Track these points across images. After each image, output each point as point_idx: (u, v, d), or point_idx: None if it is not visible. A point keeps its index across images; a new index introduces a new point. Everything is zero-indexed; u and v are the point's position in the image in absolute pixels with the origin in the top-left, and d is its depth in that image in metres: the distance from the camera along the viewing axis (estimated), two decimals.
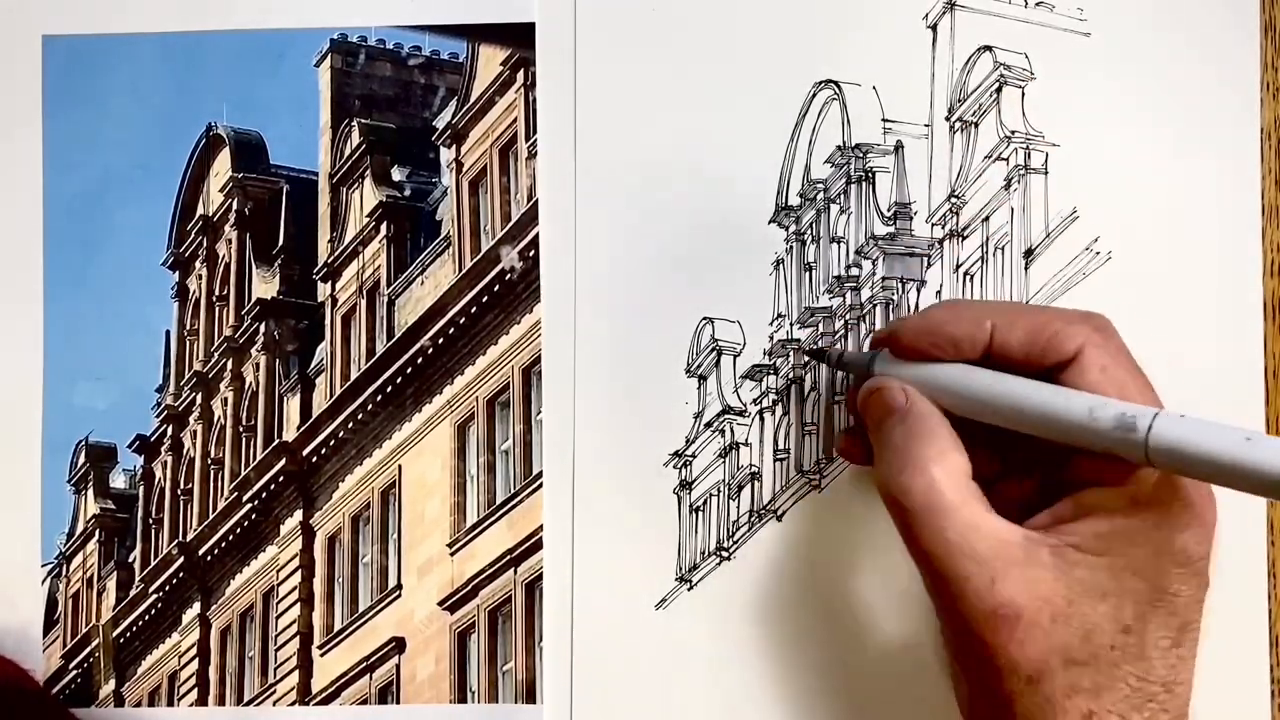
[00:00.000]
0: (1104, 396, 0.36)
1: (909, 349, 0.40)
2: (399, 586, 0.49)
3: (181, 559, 0.51)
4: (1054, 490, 0.38)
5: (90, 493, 0.50)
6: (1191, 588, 0.36)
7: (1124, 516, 0.36)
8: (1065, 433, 0.36)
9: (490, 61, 0.49)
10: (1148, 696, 0.35)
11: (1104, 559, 0.36)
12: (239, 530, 0.51)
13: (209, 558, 0.51)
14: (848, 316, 0.47)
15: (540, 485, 0.47)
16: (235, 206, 0.51)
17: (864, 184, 0.47)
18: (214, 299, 0.52)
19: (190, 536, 0.51)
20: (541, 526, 0.47)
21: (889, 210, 0.47)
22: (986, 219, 0.46)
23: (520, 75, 0.48)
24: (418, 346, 0.50)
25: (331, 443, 0.50)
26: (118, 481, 0.51)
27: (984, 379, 0.38)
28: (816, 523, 0.46)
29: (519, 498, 0.48)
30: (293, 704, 0.49)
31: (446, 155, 0.50)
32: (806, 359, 0.46)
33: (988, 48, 0.47)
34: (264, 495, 0.51)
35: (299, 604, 0.50)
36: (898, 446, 0.38)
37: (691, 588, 0.47)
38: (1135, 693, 0.35)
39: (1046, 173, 0.46)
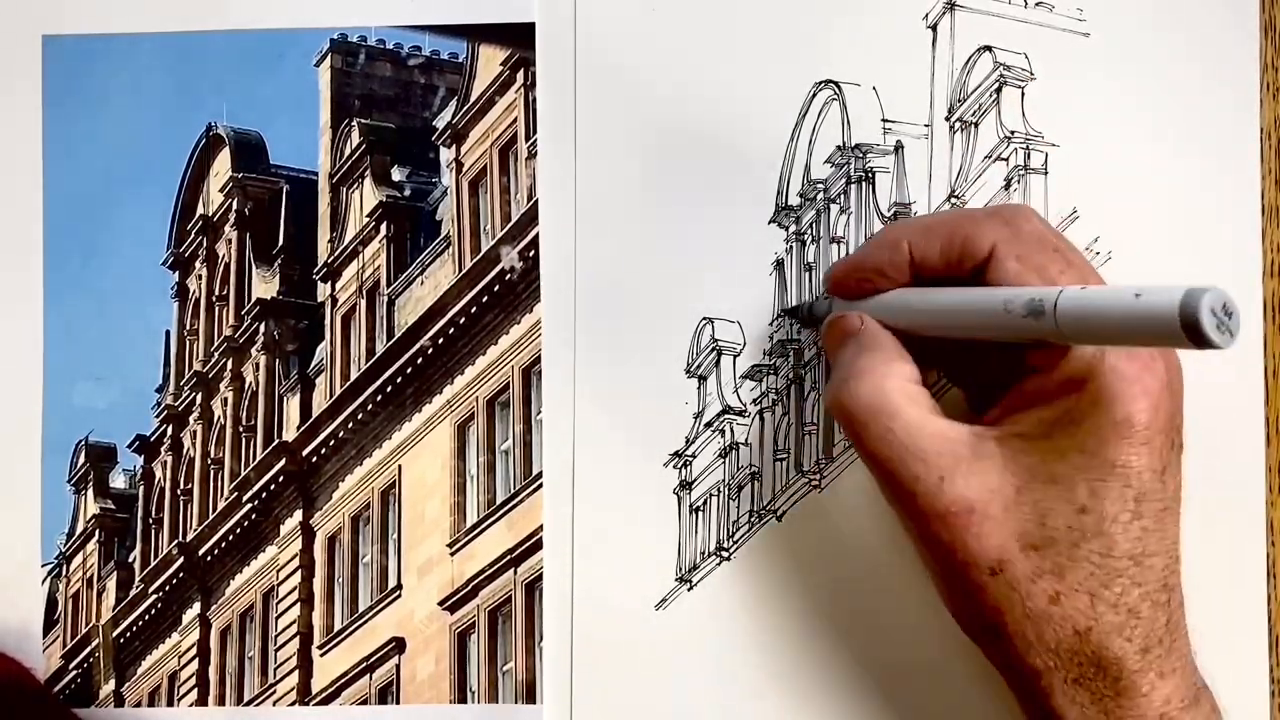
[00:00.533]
0: (1022, 286, 0.36)
1: (844, 289, 0.42)
2: (399, 586, 0.49)
3: (181, 559, 0.51)
4: (1011, 381, 0.39)
5: (90, 493, 0.50)
6: (1144, 456, 0.36)
7: (1062, 398, 0.36)
8: (991, 329, 0.36)
9: (490, 61, 0.49)
10: (1115, 572, 0.36)
11: (1049, 441, 0.36)
12: (239, 530, 0.51)
13: (209, 558, 0.51)
14: None
15: (540, 485, 0.47)
16: (235, 206, 0.51)
17: (864, 184, 0.47)
18: (214, 299, 0.52)
19: (190, 536, 0.51)
20: (541, 526, 0.47)
21: (889, 210, 0.47)
22: None
23: (520, 75, 0.48)
24: (418, 346, 0.50)
25: (331, 443, 0.50)
26: (118, 481, 0.51)
27: (912, 297, 0.39)
28: (816, 523, 0.46)
29: (519, 498, 0.48)
30: (293, 704, 0.49)
31: (446, 155, 0.50)
32: (787, 318, 0.47)
33: (988, 48, 0.47)
34: (264, 495, 0.51)
35: (299, 604, 0.50)
36: (849, 361, 0.40)
37: (691, 588, 0.47)
38: (1099, 569, 0.36)
39: (1046, 173, 0.46)
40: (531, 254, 0.48)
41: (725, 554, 0.47)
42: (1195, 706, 0.37)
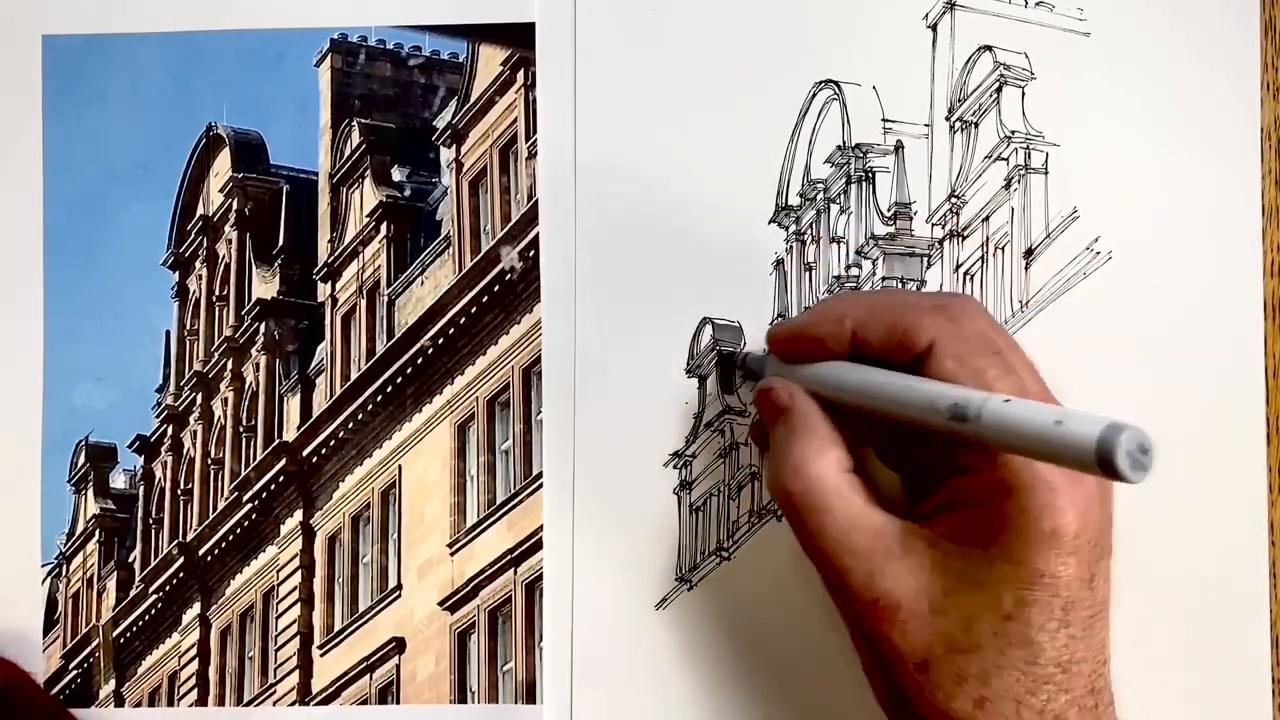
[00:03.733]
0: (955, 385, 0.36)
1: (784, 353, 0.41)
2: (399, 586, 0.49)
3: (181, 559, 0.51)
4: (945, 475, 0.38)
5: (90, 493, 0.50)
6: (1072, 566, 0.35)
7: (991, 504, 0.36)
8: (919, 421, 0.36)
9: (490, 61, 0.49)
10: (1042, 679, 0.35)
11: (975, 548, 0.36)
12: (239, 530, 0.51)
13: (209, 558, 0.51)
14: None
15: (540, 485, 0.47)
16: (235, 206, 0.51)
17: (864, 184, 0.47)
18: (214, 299, 0.52)
19: (190, 536, 0.51)
20: (541, 526, 0.47)
21: (889, 210, 0.47)
22: (987, 219, 0.46)
23: (520, 75, 0.48)
24: (418, 346, 0.50)
25: (331, 443, 0.50)
26: (118, 481, 0.51)
27: (846, 374, 0.39)
28: None
29: (519, 498, 0.48)
30: (293, 704, 0.49)
31: (446, 155, 0.50)
32: (716, 361, 0.47)
33: (988, 48, 0.47)
34: (264, 495, 0.51)
35: (299, 604, 0.50)
36: (780, 445, 0.39)
37: (691, 588, 0.47)
38: (1026, 676, 0.35)
39: (1046, 173, 0.46)
40: (531, 254, 0.48)
41: (725, 554, 0.47)
42: None
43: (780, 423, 0.40)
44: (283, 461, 0.51)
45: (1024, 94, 0.47)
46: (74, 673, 0.50)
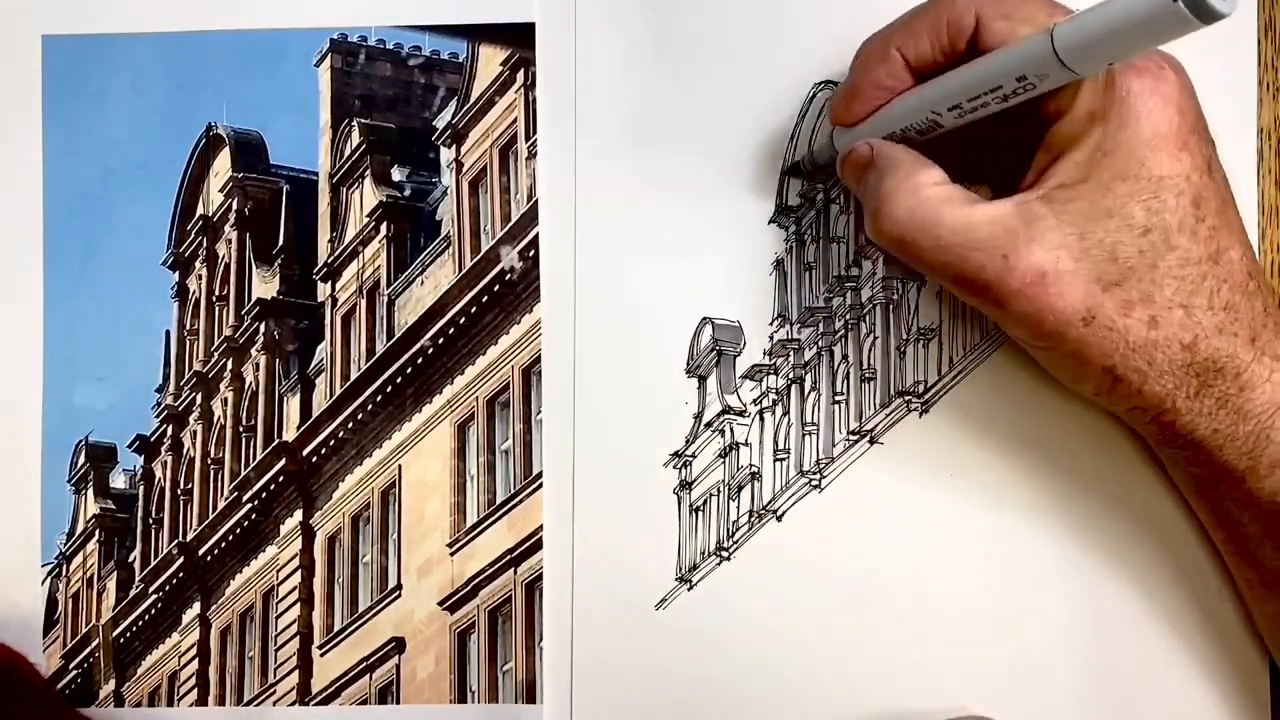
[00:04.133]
0: (1016, 42, 0.36)
1: (848, 116, 0.42)
2: (399, 586, 0.49)
3: (181, 559, 0.51)
4: (1034, 145, 0.39)
5: (90, 493, 0.50)
6: (1186, 160, 0.37)
7: (1088, 135, 0.37)
8: (1000, 92, 0.37)
9: (490, 61, 0.49)
10: (1198, 277, 0.37)
11: (1090, 181, 0.37)
12: (239, 530, 0.51)
13: (209, 558, 0.51)
14: (848, 316, 0.47)
15: (540, 485, 0.47)
16: (235, 206, 0.51)
17: None
18: (214, 299, 0.52)
19: (190, 536, 0.51)
20: (541, 526, 0.47)
21: None
22: None
23: (520, 75, 0.48)
24: (418, 346, 0.50)
25: (331, 443, 0.50)
26: (118, 481, 0.51)
27: (911, 100, 0.40)
28: (816, 523, 0.46)
29: (519, 498, 0.48)
30: (293, 704, 0.49)
31: (446, 155, 0.50)
32: (788, 176, 0.47)
33: None
34: (264, 495, 0.51)
35: (299, 604, 0.50)
36: (874, 189, 0.40)
37: (691, 588, 0.47)
38: (1183, 280, 0.37)
39: None
40: (531, 254, 0.48)
41: (725, 554, 0.47)
42: None
43: (869, 173, 0.40)
44: (282, 461, 0.51)
45: None
46: (74, 673, 0.50)
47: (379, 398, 0.50)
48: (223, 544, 0.51)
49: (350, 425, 0.50)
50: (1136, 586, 0.45)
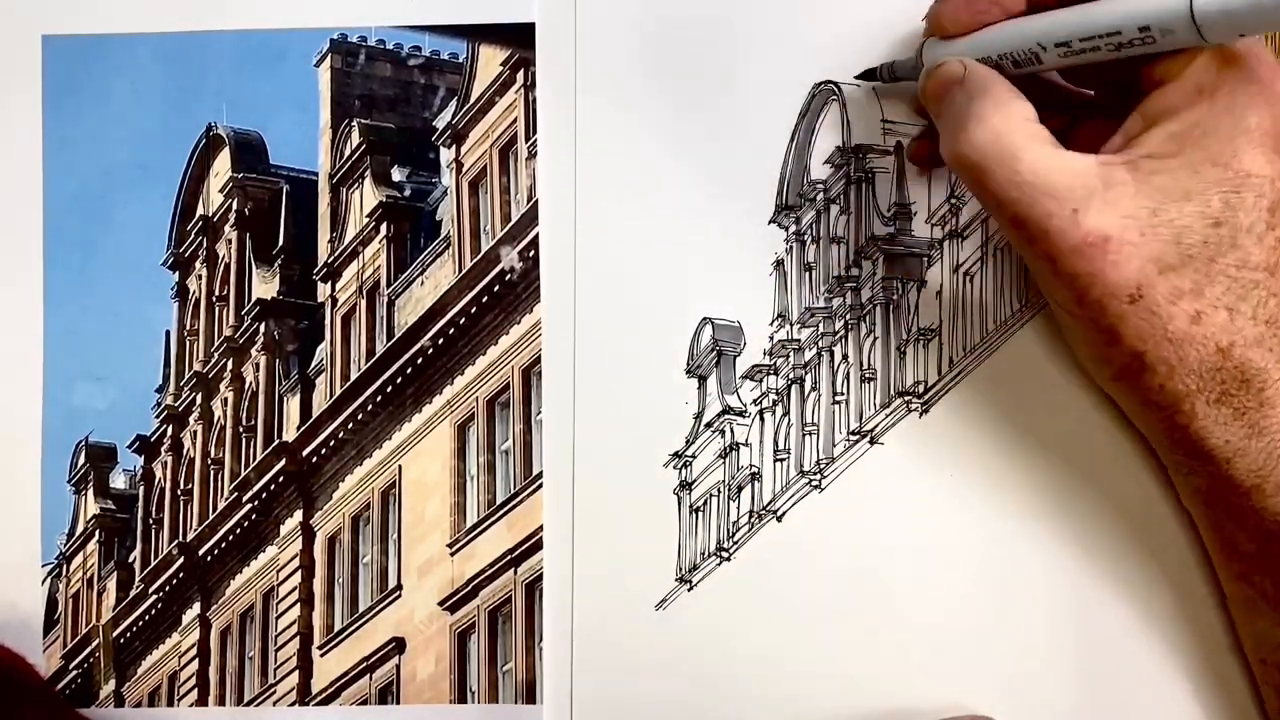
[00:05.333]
0: None
1: (953, 26, 0.40)
2: (399, 587, 0.49)
3: (181, 559, 0.51)
4: (1131, 104, 0.38)
5: (90, 493, 0.50)
6: (1276, 167, 0.36)
7: (1190, 109, 0.36)
8: (1114, 42, 0.35)
9: (490, 61, 0.49)
10: (1251, 284, 0.36)
11: (1179, 158, 0.36)
12: (239, 530, 0.51)
13: (209, 558, 0.51)
14: (848, 316, 0.47)
15: (540, 485, 0.47)
16: (235, 206, 0.51)
17: (864, 184, 0.47)
18: (214, 299, 0.52)
19: (190, 537, 0.51)
20: (541, 526, 0.47)
21: (889, 210, 0.47)
22: (986, 219, 0.46)
23: (520, 75, 0.48)
24: (418, 347, 0.50)
25: (331, 443, 0.50)
26: (118, 481, 0.51)
27: (1025, 22, 0.38)
28: (816, 523, 0.46)
29: (519, 498, 0.48)
30: (293, 704, 0.49)
31: (446, 155, 0.50)
32: (861, 81, 0.46)
33: None
34: (264, 495, 0.51)
35: (299, 604, 0.50)
36: (959, 109, 0.38)
37: (691, 588, 0.47)
38: (1236, 283, 0.36)
39: None
40: (531, 254, 0.48)
41: (725, 554, 0.47)
42: None
43: (956, 91, 0.39)
44: (282, 461, 0.51)
45: None
46: (74, 673, 0.50)
47: (379, 398, 0.50)
48: (223, 544, 0.51)
49: (350, 425, 0.50)
50: (1135, 587, 0.45)
